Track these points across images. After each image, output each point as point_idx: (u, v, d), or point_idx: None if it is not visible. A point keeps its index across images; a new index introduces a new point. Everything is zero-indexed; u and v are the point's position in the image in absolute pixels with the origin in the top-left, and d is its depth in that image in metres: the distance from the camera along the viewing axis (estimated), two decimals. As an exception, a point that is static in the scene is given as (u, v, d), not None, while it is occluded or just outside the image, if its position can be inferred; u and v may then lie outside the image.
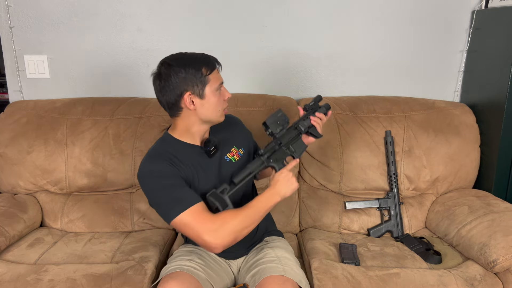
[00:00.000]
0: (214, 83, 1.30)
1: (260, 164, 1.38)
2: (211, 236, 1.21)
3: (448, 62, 2.10)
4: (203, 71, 1.27)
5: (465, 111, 1.97)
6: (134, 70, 2.08)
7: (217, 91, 1.31)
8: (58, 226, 1.86)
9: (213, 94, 1.30)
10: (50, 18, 2.01)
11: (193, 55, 1.31)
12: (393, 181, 1.85)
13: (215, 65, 1.31)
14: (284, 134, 1.43)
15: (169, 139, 1.38)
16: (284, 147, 1.42)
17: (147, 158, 1.33)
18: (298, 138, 1.46)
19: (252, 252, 1.49)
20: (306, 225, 1.88)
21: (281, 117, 1.42)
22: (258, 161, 1.38)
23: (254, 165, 1.37)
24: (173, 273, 1.30)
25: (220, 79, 1.33)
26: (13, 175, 1.88)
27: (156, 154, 1.33)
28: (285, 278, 1.29)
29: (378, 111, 1.94)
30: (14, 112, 1.95)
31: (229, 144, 1.45)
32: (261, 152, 1.39)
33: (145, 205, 1.87)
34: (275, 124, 1.40)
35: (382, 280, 1.43)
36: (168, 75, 1.27)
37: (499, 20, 1.86)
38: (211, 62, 1.31)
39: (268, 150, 1.40)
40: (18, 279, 1.41)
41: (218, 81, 1.31)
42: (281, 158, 1.41)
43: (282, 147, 1.42)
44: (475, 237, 1.54)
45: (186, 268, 1.32)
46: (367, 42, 2.08)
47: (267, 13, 2.03)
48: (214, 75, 1.30)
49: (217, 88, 1.31)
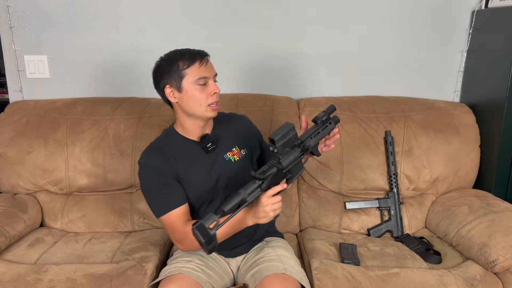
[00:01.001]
0: (192, 77, 1.31)
1: (254, 189, 1.16)
2: (178, 244, 1.38)
3: (448, 62, 2.10)
4: (179, 65, 1.31)
5: (465, 111, 1.97)
6: (134, 70, 2.08)
7: (197, 85, 1.32)
8: (58, 226, 1.86)
9: (193, 88, 1.32)
10: (50, 18, 2.01)
11: (178, 51, 1.35)
12: (393, 181, 1.85)
13: (196, 59, 1.32)
14: (289, 155, 1.24)
15: (171, 132, 1.45)
16: (284, 170, 1.23)
17: (147, 150, 1.42)
18: (299, 159, 1.27)
19: (252, 252, 1.49)
20: (306, 225, 1.88)
21: (292, 138, 1.22)
22: (252, 185, 1.16)
23: (247, 190, 1.15)
24: (173, 276, 1.30)
25: (202, 73, 1.32)
26: (13, 175, 1.88)
27: (155, 148, 1.41)
28: (286, 276, 1.30)
29: (378, 111, 1.94)
30: (14, 112, 1.95)
31: (231, 143, 1.45)
32: (257, 175, 1.17)
33: (145, 205, 1.86)
34: (283, 145, 1.21)
35: (382, 280, 1.43)
36: (154, 71, 1.38)
37: (499, 20, 1.86)
38: (191, 56, 1.32)
39: (266, 176, 1.18)
40: (18, 279, 1.41)
41: (198, 74, 1.31)
42: (277, 182, 1.22)
43: (282, 170, 1.22)
44: (475, 237, 1.54)
45: (185, 270, 1.32)
46: (367, 42, 2.08)
47: (267, 13, 2.03)
48: (193, 69, 1.31)
49: (197, 82, 1.32)
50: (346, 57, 2.09)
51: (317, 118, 1.30)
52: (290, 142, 1.22)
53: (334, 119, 1.34)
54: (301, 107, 1.98)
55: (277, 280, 1.28)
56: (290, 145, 1.23)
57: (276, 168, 1.20)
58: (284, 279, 1.28)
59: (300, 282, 1.32)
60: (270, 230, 1.57)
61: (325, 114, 1.31)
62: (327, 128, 1.32)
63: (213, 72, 1.36)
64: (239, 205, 1.13)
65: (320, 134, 1.30)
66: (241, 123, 1.53)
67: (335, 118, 1.34)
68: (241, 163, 1.45)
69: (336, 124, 1.34)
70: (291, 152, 1.24)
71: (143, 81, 2.09)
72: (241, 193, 1.14)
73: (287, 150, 1.23)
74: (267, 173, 1.18)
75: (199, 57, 1.33)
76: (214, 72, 1.37)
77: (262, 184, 1.17)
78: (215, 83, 1.36)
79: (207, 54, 1.37)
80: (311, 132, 1.29)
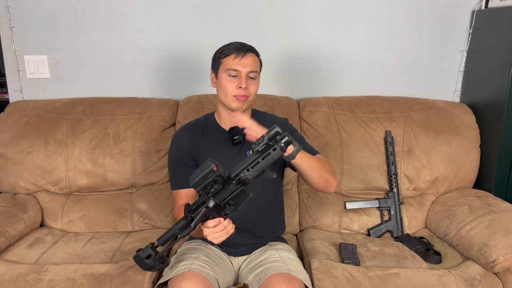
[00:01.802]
0: (225, 66, 1.40)
1: (184, 225, 1.17)
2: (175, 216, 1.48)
3: (448, 62, 2.10)
4: (220, 54, 1.43)
5: (465, 111, 1.97)
6: (134, 70, 2.08)
7: (228, 76, 1.40)
8: (58, 226, 1.86)
9: (224, 77, 1.41)
10: (50, 18, 2.01)
11: (229, 43, 1.45)
12: (393, 181, 1.85)
13: (233, 51, 1.40)
14: (221, 192, 1.15)
15: (210, 116, 1.55)
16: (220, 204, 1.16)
17: (181, 128, 1.55)
18: (238, 191, 1.15)
19: (255, 254, 1.49)
20: (306, 225, 1.88)
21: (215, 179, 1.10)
22: (183, 221, 1.17)
23: (178, 225, 1.17)
24: (186, 273, 1.30)
25: (233, 65, 1.39)
26: (13, 175, 1.88)
27: (188, 127, 1.53)
28: (291, 276, 1.30)
29: (378, 111, 1.94)
30: (14, 112, 1.95)
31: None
32: (187, 212, 1.18)
33: (145, 205, 1.87)
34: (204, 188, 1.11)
35: (382, 280, 1.43)
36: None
37: (499, 20, 1.86)
38: (231, 48, 1.41)
39: (195, 214, 1.17)
40: (18, 279, 1.41)
41: (230, 66, 1.39)
42: (216, 214, 1.18)
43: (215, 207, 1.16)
44: (475, 237, 1.54)
45: (194, 268, 1.32)
46: (367, 42, 2.08)
47: (267, 13, 2.03)
48: (228, 59, 1.40)
49: (228, 72, 1.39)
50: (346, 57, 2.09)
51: (254, 145, 1.11)
52: (214, 181, 1.10)
53: (281, 143, 1.10)
54: (301, 107, 1.98)
55: (282, 279, 1.28)
56: (217, 183, 1.11)
57: (204, 208, 1.15)
58: (289, 278, 1.29)
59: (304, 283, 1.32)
60: (275, 236, 1.58)
61: (262, 140, 1.10)
62: (271, 156, 1.10)
63: (248, 68, 1.39)
64: (172, 238, 1.21)
65: (261, 164, 1.11)
66: (276, 124, 1.51)
67: (284, 141, 1.10)
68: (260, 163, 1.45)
69: (288, 146, 1.10)
70: (225, 187, 1.14)
71: (143, 81, 2.09)
72: (173, 228, 1.19)
73: (216, 188, 1.12)
74: (196, 212, 1.16)
75: (236, 51, 1.40)
76: (249, 68, 1.40)
77: (192, 221, 1.16)
78: (248, 79, 1.40)
79: (249, 50, 1.42)
80: (247, 163, 1.12)
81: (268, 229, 1.53)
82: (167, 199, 1.87)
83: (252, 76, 1.41)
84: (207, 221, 1.18)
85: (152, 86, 2.11)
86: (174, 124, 1.95)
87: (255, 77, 1.43)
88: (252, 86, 1.41)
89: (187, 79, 2.09)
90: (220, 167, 1.11)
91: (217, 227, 1.17)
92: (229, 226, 1.20)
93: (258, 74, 1.44)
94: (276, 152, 1.10)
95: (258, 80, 1.45)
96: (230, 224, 1.21)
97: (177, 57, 2.07)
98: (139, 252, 1.23)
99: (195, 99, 1.97)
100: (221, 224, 1.17)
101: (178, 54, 2.07)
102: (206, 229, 1.18)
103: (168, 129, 1.93)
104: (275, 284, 1.26)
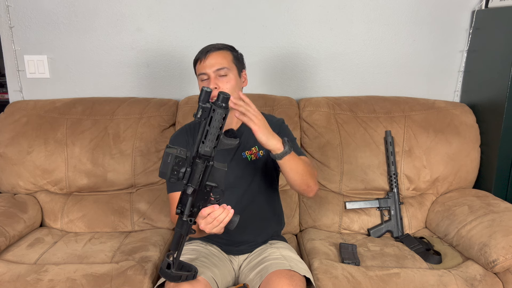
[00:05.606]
0: (197, 72, 1.43)
1: (182, 223, 1.17)
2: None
3: (448, 62, 2.10)
4: (194, 63, 1.44)
5: (465, 111, 1.97)
6: (134, 70, 2.08)
7: (201, 81, 1.41)
8: (58, 226, 1.86)
9: (199, 83, 1.43)
10: (50, 18, 2.01)
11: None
12: (393, 181, 1.85)
13: (197, 56, 1.42)
14: (192, 174, 1.12)
15: None
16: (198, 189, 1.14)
17: (178, 130, 1.54)
18: (209, 168, 1.13)
19: (255, 252, 1.49)
20: (306, 225, 1.88)
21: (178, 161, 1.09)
22: (179, 220, 1.17)
23: (178, 226, 1.18)
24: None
25: (200, 70, 1.40)
26: (13, 175, 1.88)
27: (184, 130, 1.52)
28: (292, 273, 1.31)
29: (378, 111, 1.94)
30: (14, 112, 1.95)
31: (252, 142, 1.46)
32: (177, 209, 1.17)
33: (145, 205, 1.87)
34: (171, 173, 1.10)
35: (382, 280, 1.43)
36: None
37: (499, 20, 1.86)
38: (197, 54, 1.43)
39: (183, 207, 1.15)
40: (18, 279, 1.41)
41: (199, 71, 1.41)
42: (204, 201, 1.17)
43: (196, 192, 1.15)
44: (475, 237, 1.54)
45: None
46: (367, 42, 2.08)
47: (267, 13, 2.03)
48: (197, 66, 1.42)
49: (200, 77, 1.41)
50: (346, 57, 2.09)
51: (195, 116, 1.06)
52: (178, 165, 1.09)
53: (218, 102, 1.06)
54: (301, 107, 1.97)
55: (284, 275, 1.28)
56: (182, 166, 1.10)
57: (186, 197, 1.13)
58: (291, 275, 1.29)
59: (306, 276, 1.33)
60: (275, 235, 1.58)
61: (199, 107, 1.05)
62: (215, 119, 1.06)
63: (213, 67, 1.36)
64: (180, 239, 1.19)
65: (211, 131, 1.07)
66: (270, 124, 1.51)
67: (221, 99, 1.06)
68: (255, 164, 1.46)
69: (227, 102, 1.06)
70: (193, 169, 1.11)
71: (143, 81, 2.09)
72: (177, 231, 1.18)
73: (183, 172, 1.10)
74: (182, 203, 1.15)
75: (199, 55, 1.41)
76: (215, 67, 1.36)
77: (183, 214, 1.14)
78: (218, 78, 1.36)
79: (210, 50, 1.39)
80: (199, 136, 1.09)
81: (268, 227, 1.53)
82: (167, 199, 1.86)
83: (222, 73, 1.37)
84: (200, 211, 1.15)
85: (152, 86, 2.11)
86: (174, 124, 1.95)
87: (226, 73, 1.37)
88: (223, 83, 1.36)
89: (187, 79, 2.09)
90: (179, 150, 1.09)
91: (210, 216, 1.15)
92: (222, 215, 1.15)
93: (228, 69, 1.37)
94: (217, 113, 1.05)
95: (233, 75, 1.39)
96: (223, 211, 1.16)
97: (177, 57, 2.07)
98: (161, 265, 1.20)
99: (195, 99, 1.97)
100: (212, 212, 1.14)
101: (178, 54, 2.07)
102: (200, 220, 1.16)
103: (168, 129, 1.93)
104: (276, 281, 1.26)
